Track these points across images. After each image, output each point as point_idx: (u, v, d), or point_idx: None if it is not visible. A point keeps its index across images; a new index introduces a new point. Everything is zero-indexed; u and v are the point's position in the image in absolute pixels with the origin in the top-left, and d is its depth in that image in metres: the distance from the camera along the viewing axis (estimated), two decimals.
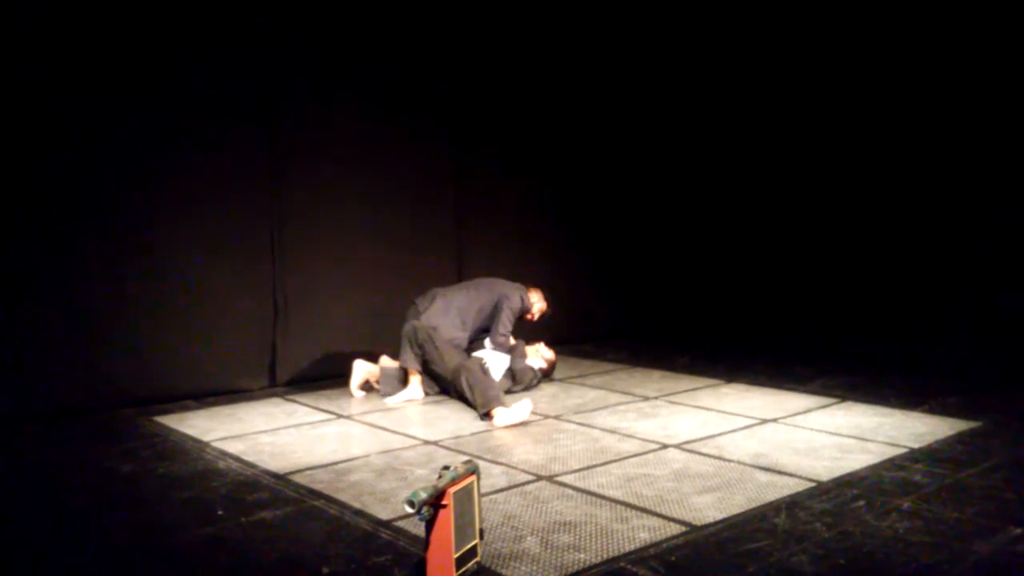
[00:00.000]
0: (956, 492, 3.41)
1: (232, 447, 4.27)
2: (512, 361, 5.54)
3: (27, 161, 4.82)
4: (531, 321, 5.89)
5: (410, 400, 5.37)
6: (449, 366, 5.22)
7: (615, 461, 3.95)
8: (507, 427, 4.64)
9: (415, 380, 5.40)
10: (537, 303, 5.82)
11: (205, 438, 4.45)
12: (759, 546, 2.90)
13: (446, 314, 5.46)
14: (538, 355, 5.76)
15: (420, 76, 6.46)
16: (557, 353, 5.93)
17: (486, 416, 4.77)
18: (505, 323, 5.59)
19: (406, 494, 2.75)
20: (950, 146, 6.35)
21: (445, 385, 5.36)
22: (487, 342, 5.65)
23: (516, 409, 4.72)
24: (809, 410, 4.90)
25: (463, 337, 5.54)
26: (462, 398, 5.13)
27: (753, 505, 3.30)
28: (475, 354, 5.49)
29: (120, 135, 5.09)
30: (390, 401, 5.34)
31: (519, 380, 5.51)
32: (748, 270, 7.82)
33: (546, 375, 5.80)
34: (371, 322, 6.22)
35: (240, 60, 5.52)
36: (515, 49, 7.08)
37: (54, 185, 4.90)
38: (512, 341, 5.72)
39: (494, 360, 5.46)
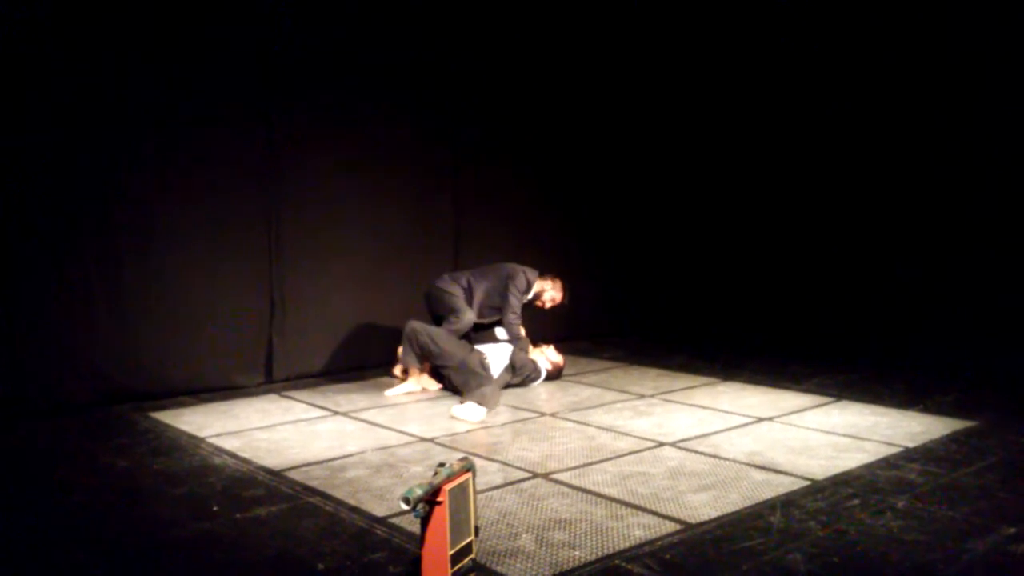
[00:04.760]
0: (951, 491, 3.42)
1: (228, 443, 4.27)
2: (512, 353, 5.54)
3: (25, 158, 4.80)
4: (542, 309, 5.89)
5: (410, 393, 5.41)
6: (451, 362, 5.29)
7: (610, 459, 3.95)
8: (461, 420, 4.70)
9: (415, 376, 5.47)
10: (549, 290, 5.80)
11: (201, 434, 4.45)
12: (754, 544, 2.90)
13: (456, 283, 5.57)
14: (543, 356, 5.76)
15: (419, 73, 6.45)
16: (556, 351, 5.92)
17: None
18: (512, 303, 5.61)
19: (402, 491, 2.75)
20: (949, 146, 6.36)
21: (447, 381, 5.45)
22: (497, 330, 5.67)
23: (473, 409, 4.75)
24: (805, 409, 4.90)
25: (469, 311, 5.53)
26: (456, 391, 5.23)
27: (748, 503, 3.31)
28: (477, 347, 5.51)
29: (117, 132, 5.08)
30: (390, 393, 5.38)
31: (519, 372, 5.52)
32: (745, 269, 7.83)
33: (551, 377, 5.80)
34: (368, 319, 6.22)
35: (238, 58, 5.51)
36: (515, 46, 7.07)
37: (52, 181, 4.88)
38: (522, 331, 5.74)
39: (495, 355, 5.47)
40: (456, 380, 5.25)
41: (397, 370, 5.63)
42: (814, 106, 7.16)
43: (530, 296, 5.78)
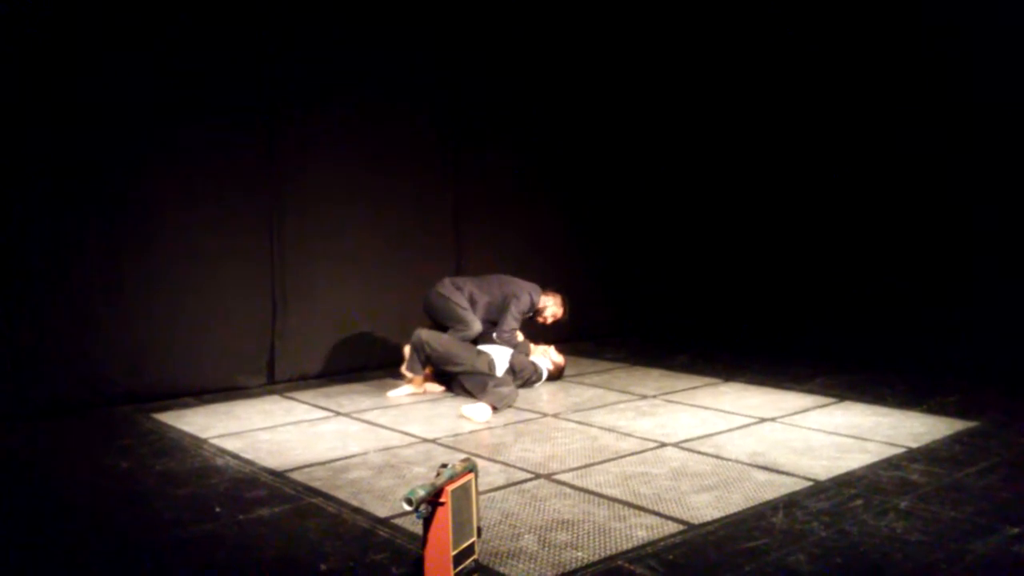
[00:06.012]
0: (953, 492, 3.41)
1: (230, 444, 4.28)
2: (512, 356, 5.55)
3: (26, 159, 4.81)
4: (543, 324, 5.90)
5: (412, 394, 5.43)
6: (462, 368, 5.30)
7: (613, 459, 3.95)
8: (467, 419, 4.74)
9: (418, 384, 5.50)
10: (550, 307, 5.80)
11: (203, 435, 4.46)
12: (756, 545, 2.90)
13: (459, 291, 5.54)
14: (546, 357, 5.76)
15: (419, 74, 6.45)
16: (557, 351, 5.92)
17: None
18: (509, 321, 5.61)
19: (404, 492, 2.75)
20: (950, 146, 6.35)
21: (454, 384, 5.47)
22: (494, 335, 5.68)
23: (481, 409, 4.79)
24: (807, 409, 4.90)
25: (476, 321, 5.53)
26: (469, 394, 5.26)
27: (751, 504, 3.31)
28: (481, 347, 5.51)
29: (118, 133, 5.09)
30: (392, 394, 5.39)
31: (519, 375, 5.52)
32: (747, 269, 7.82)
33: (552, 378, 5.80)
34: (369, 320, 6.22)
35: (239, 59, 5.52)
36: (515, 46, 7.07)
37: (53, 182, 4.89)
38: (520, 337, 5.75)
39: (499, 355, 5.47)
40: (468, 384, 5.27)
41: (404, 368, 5.62)
42: (814, 105, 7.15)
43: (530, 315, 5.79)
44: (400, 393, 5.42)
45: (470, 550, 2.69)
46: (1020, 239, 6.01)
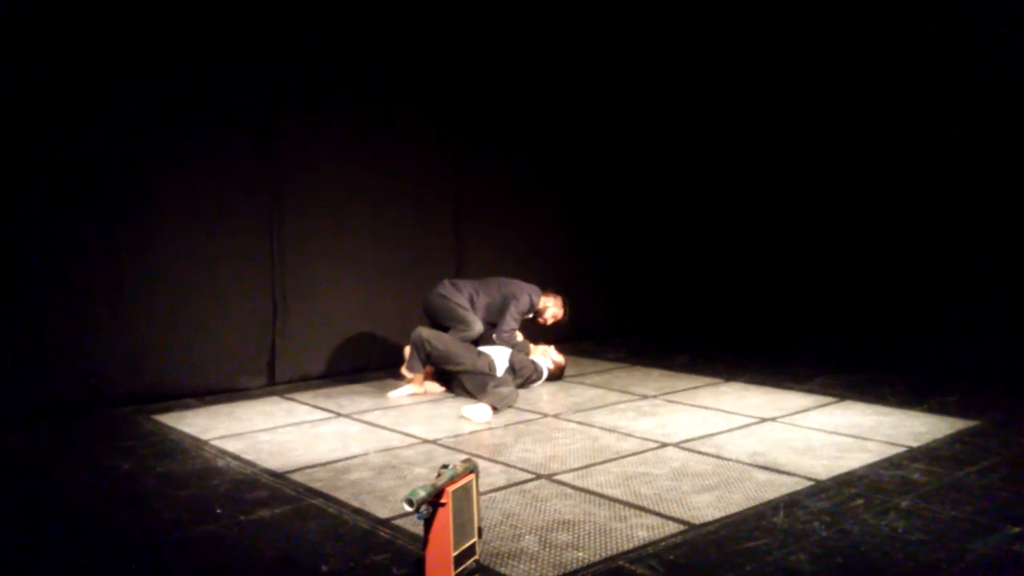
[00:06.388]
0: (954, 491, 3.41)
1: (231, 445, 4.27)
2: (512, 355, 5.55)
3: (26, 159, 4.81)
4: (543, 325, 5.91)
5: (413, 394, 5.43)
6: (462, 367, 5.30)
7: (614, 460, 3.95)
8: (468, 420, 4.75)
9: (418, 382, 5.49)
10: (551, 308, 5.82)
11: (204, 436, 4.45)
12: (757, 545, 2.90)
13: (459, 292, 5.56)
14: (546, 356, 5.77)
15: (419, 75, 6.45)
16: (557, 351, 5.92)
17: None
18: (508, 321, 5.62)
19: (405, 492, 2.75)
20: (950, 146, 6.36)
21: (454, 384, 5.47)
22: (494, 335, 5.68)
23: (481, 409, 4.79)
24: (808, 409, 4.90)
25: (478, 320, 5.55)
26: (469, 394, 5.26)
27: (751, 504, 3.31)
28: (481, 349, 5.51)
29: (119, 133, 5.09)
30: (393, 395, 5.39)
31: (518, 374, 5.52)
32: (747, 269, 7.83)
33: (553, 378, 5.81)
34: (370, 320, 6.22)
35: (239, 59, 5.51)
36: (515, 47, 7.07)
37: (53, 182, 4.89)
38: (519, 337, 5.75)
39: (499, 356, 5.48)
40: (468, 384, 5.28)
41: (404, 369, 5.62)
42: (814, 105, 7.15)
43: (530, 315, 5.80)
44: (401, 394, 5.42)
45: (471, 551, 2.69)
46: (1020, 239, 6.01)
